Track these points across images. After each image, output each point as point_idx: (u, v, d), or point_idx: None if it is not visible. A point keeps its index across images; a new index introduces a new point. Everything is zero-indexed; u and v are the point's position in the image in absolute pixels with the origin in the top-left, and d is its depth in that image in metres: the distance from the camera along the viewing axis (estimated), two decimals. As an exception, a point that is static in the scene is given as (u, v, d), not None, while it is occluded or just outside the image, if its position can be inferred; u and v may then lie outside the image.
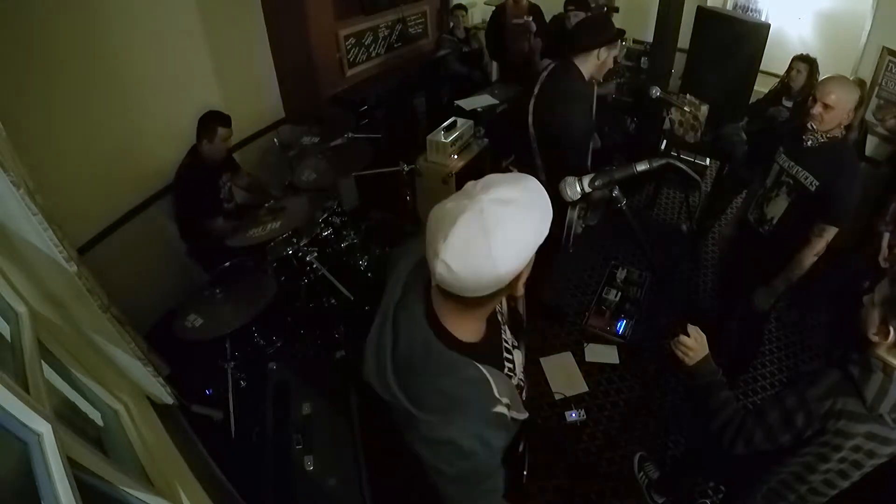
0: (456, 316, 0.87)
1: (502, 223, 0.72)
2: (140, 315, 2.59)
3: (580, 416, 2.49)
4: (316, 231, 2.62)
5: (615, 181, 1.41)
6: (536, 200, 0.78)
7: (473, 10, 4.86)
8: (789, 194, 1.99)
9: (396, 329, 0.86)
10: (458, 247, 0.72)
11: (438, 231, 0.74)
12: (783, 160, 2.02)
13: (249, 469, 1.55)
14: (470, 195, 0.74)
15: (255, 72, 3.44)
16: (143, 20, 2.59)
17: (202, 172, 2.61)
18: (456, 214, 0.72)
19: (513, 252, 0.74)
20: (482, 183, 0.76)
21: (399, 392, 0.82)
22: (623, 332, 2.88)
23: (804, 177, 1.91)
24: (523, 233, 0.75)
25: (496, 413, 0.87)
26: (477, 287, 0.76)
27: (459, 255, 0.72)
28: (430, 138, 3.07)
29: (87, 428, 1.32)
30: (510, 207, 0.73)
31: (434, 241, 0.74)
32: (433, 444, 0.84)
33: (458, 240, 0.71)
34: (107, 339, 1.41)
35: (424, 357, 0.83)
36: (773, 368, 2.78)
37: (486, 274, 0.74)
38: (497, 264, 0.73)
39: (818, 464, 1.24)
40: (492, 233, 0.71)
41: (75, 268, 1.25)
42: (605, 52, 2.10)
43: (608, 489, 2.23)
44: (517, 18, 4.37)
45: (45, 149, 2.22)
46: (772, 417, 1.25)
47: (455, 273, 0.73)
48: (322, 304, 2.57)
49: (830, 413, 1.16)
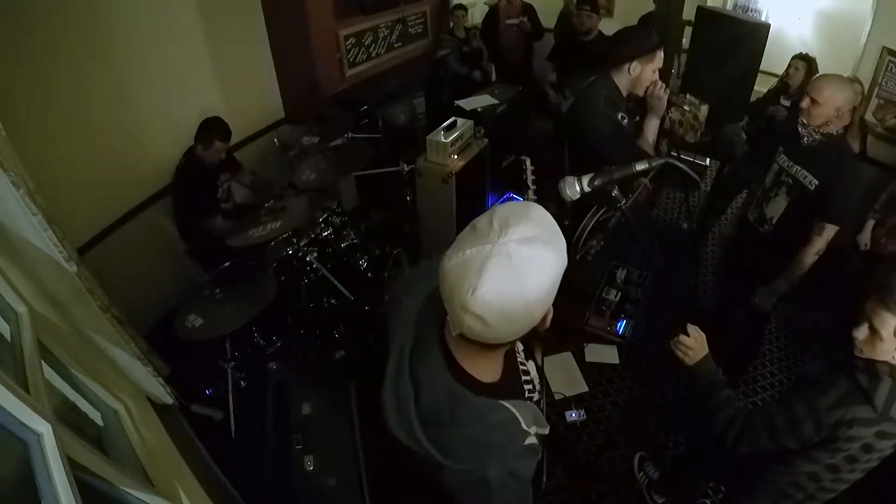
0: (477, 358, 0.83)
1: (533, 264, 0.68)
2: (140, 315, 2.60)
3: (580, 416, 2.49)
4: (316, 231, 2.62)
5: (615, 181, 1.41)
6: (553, 229, 0.74)
7: (473, 10, 4.85)
8: (789, 194, 1.99)
9: (416, 378, 0.82)
10: (491, 297, 0.67)
11: (463, 283, 0.68)
12: (782, 160, 2.02)
13: (249, 469, 1.55)
14: (489, 238, 0.69)
15: (255, 72, 3.44)
16: (143, 20, 2.60)
17: (199, 173, 2.63)
18: (481, 262, 0.67)
19: (546, 291, 0.71)
20: (497, 221, 0.70)
21: (429, 446, 0.79)
22: (623, 332, 2.87)
23: (803, 176, 1.91)
24: (552, 268, 0.71)
25: (527, 446, 0.85)
26: (511, 333, 0.73)
27: (494, 306, 0.67)
28: (430, 138, 3.06)
29: (87, 428, 1.32)
30: (536, 245, 0.69)
31: (459, 295, 0.68)
32: (467, 485, 0.82)
33: (490, 290, 0.66)
34: (107, 339, 1.41)
35: (451, 408, 0.80)
36: (773, 368, 2.78)
37: (521, 319, 0.71)
38: (532, 307, 0.70)
39: (829, 464, 1.25)
40: (526, 277, 0.67)
41: (75, 268, 1.26)
42: (638, 66, 1.95)
43: (608, 489, 2.23)
44: (510, 19, 4.37)
45: (45, 149, 2.22)
46: (779, 422, 1.25)
47: (490, 324, 0.69)
48: (322, 304, 2.57)
49: (841, 422, 1.17)
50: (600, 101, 2.00)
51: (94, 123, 2.46)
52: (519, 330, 0.73)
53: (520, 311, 0.69)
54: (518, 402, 0.87)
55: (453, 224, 3.25)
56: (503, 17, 4.41)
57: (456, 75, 4.40)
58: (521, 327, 0.73)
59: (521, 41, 4.51)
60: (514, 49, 4.53)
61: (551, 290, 0.72)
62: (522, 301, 0.68)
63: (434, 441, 0.79)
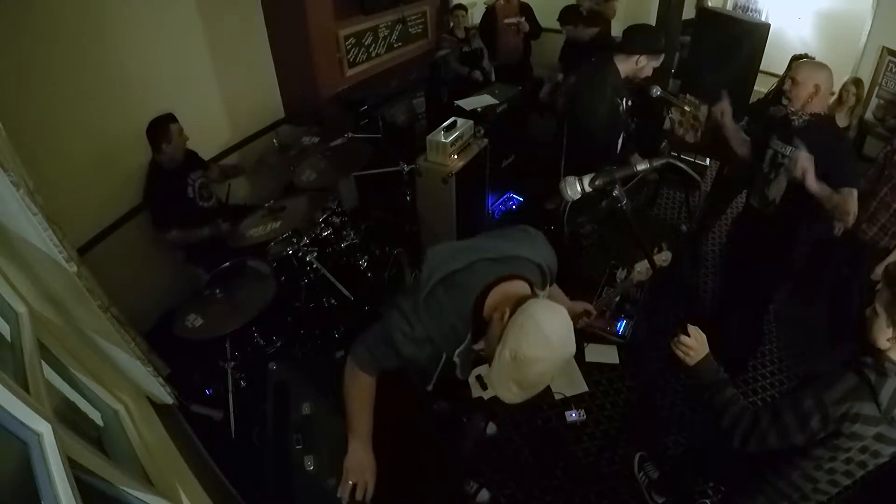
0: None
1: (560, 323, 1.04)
2: (140, 315, 2.59)
3: (580, 416, 2.49)
4: (316, 231, 2.62)
5: (615, 180, 1.40)
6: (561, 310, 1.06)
7: (473, 10, 4.85)
8: (786, 173, 2.06)
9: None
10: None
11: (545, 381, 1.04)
12: (776, 144, 2.11)
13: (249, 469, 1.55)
14: (561, 355, 1.01)
15: (255, 72, 3.44)
16: (143, 21, 2.60)
17: (168, 179, 2.58)
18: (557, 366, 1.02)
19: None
20: (556, 338, 1.00)
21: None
22: (623, 332, 2.87)
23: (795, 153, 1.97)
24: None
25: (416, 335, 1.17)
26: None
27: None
28: (430, 138, 3.06)
29: (87, 428, 1.32)
30: (559, 313, 1.04)
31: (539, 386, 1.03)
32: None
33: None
34: (107, 339, 1.41)
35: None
36: (773, 368, 2.78)
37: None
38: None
39: (827, 464, 1.25)
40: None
41: (75, 268, 1.25)
42: (644, 60, 2.28)
43: (608, 489, 2.23)
44: (508, 18, 4.37)
45: (45, 149, 2.22)
46: (787, 418, 1.25)
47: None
48: (322, 304, 2.57)
49: (846, 416, 1.17)
50: (608, 86, 2.29)
51: (95, 123, 2.46)
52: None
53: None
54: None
55: (453, 224, 3.25)
56: (501, 16, 4.42)
57: (456, 75, 4.40)
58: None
59: (518, 40, 4.51)
60: (513, 48, 4.54)
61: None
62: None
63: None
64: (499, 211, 3.96)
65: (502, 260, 1.20)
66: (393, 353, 1.20)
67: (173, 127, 2.52)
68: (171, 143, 2.53)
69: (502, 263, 1.20)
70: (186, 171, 2.68)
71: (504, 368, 1.00)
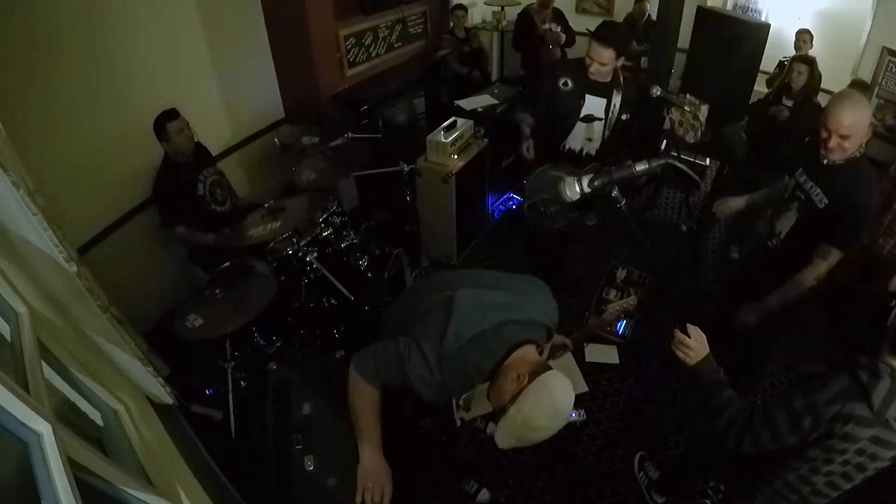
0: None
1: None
2: (140, 315, 2.60)
3: (580, 416, 2.49)
4: (316, 231, 2.62)
5: (614, 181, 1.41)
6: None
7: (473, 10, 4.86)
8: (799, 209, 1.93)
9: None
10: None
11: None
12: (800, 175, 1.94)
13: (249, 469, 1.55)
14: (563, 424, 1.20)
15: (256, 72, 3.44)
16: (143, 21, 2.60)
17: (177, 174, 2.55)
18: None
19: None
20: (564, 411, 1.19)
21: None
22: (623, 332, 2.88)
23: (815, 193, 1.84)
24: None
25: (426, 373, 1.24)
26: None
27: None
28: (430, 138, 3.07)
29: (87, 428, 1.32)
30: (569, 387, 1.24)
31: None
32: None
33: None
34: (107, 339, 1.41)
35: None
36: (772, 368, 2.79)
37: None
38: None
39: (823, 466, 1.25)
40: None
41: (75, 268, 1.25)
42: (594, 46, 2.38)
43: (608, 489, 2.23)
44: (544, 25, 4.29)
45: (45, 149, 2.23)
46: (779, 418, 1.25)
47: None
48: (322, 304, 2.57)
49: (838, 417, 1.16)
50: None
51: (95, 123, 2.46)
52: None
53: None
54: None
55: (453, 224, 3.25)
56: (538, 21, 4.30)
57: (456, 75, 4.40)
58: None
59: (558, 49, 4.40)
60: (554, 59, 4.35)
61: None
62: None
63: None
64: (499, 211, 3.97)
65: (525, 324, 1.32)
66: (401, 382, 1.27)
67: (171, 126, 2.47)
68: (171, 143, 2.51)
69: (524, 327, 1.31)
70: (198, 168, 2.65)
71: (512, 426, 1.14)
